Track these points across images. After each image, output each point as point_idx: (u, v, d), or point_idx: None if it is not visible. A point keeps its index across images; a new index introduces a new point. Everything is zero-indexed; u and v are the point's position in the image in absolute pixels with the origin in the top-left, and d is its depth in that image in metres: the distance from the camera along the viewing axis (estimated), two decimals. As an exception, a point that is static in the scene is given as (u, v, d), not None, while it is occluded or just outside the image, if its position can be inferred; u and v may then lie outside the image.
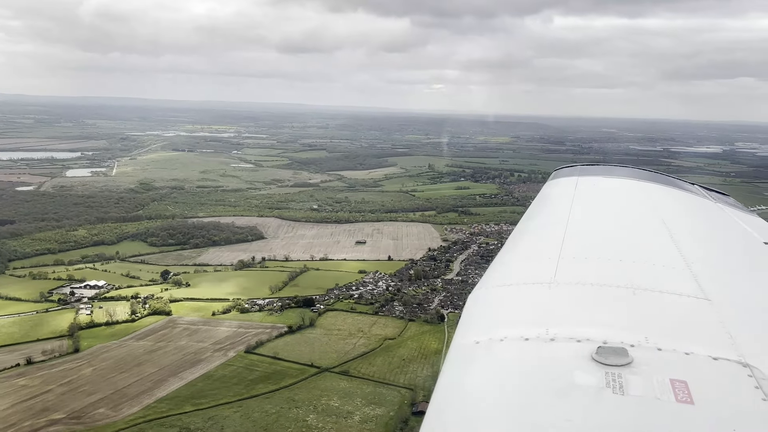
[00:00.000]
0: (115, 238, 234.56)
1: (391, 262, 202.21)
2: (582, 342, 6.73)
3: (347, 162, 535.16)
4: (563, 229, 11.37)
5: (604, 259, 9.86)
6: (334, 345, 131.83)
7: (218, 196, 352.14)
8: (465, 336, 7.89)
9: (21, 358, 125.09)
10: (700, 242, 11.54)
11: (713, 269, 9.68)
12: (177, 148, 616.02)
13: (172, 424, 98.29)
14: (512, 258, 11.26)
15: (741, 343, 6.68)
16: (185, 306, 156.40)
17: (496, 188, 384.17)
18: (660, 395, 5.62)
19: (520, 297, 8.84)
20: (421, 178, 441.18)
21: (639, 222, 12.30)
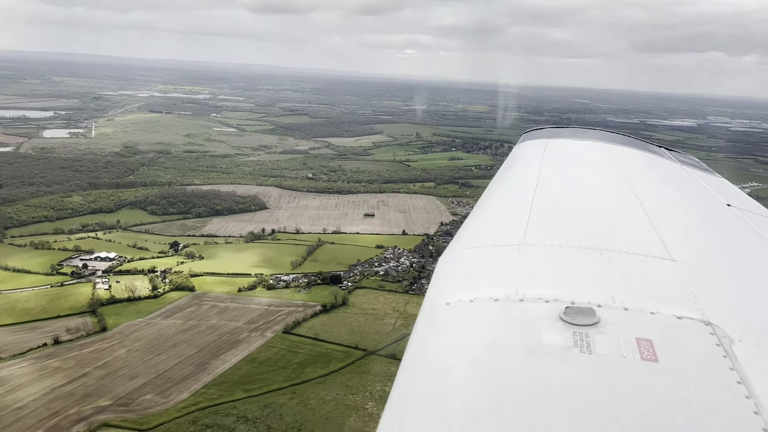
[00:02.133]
0: (113, 205, 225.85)
1: (406, 237, 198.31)
2: (550, 302, 6.86)
3: (332, 128, 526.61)
4: (532, 191, 11.39)
5: (573, 221, 9.93)
6: (372, 325, 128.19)
7: (208, 161, 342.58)
8: (435, 297, 8.02)
9: (46, 337, 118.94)
10: (666, 204, 11.70)
11: (678, 230, 9.89)
12: (154, 109, 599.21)
13: (228, 413, 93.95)
14: (481, 220, 11.45)
15: (703, 302, 6.87)
16: (207, 281, 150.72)
17: (489, 159, 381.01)
18: (626, 354, 5.81)
19: (490, 259, 8.96)
20: (411, 147, 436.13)
21: (607, 184, 12.36)
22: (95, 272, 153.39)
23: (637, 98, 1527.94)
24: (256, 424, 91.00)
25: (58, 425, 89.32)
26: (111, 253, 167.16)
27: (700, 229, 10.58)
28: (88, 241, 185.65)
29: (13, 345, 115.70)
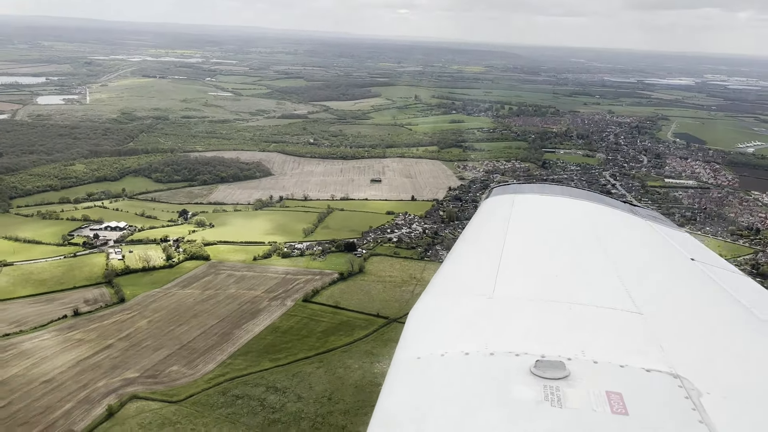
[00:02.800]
0: (116, 173, 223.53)
1: (415, 203, 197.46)
2: (521, 356, 6.96)
3: (329, 92, 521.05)
4: (501, 245, 11.55)
5: (541, 275, 10.13)
6: (391, 293, 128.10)
7: (207, 127, 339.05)
8: (406, 351, 8.08)
9: (65, 309, 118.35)
10: (632, 258, 11.79)
11: (645, 284, 10.01)
12: (147, 74, 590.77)
13: (257, 383, 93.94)
14: (453, 273, 11.57)
15: (671, 355, 7.03)
16: (221, 250, 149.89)
17: (491, 122, 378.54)
18: (596, 407, 5.88)
19: (461, 312, 9.10)
20: (411, 111, 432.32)
21: (574, 239, 12.51)
22: (107, 242, 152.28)
23: (632, 57, 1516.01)
24: (286, 394, 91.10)
25: (88, 398, 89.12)
26: (121, 222, 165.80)
27: (666, 283, 10.72)
28: (95, 210, 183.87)
29: (33, 317, 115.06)
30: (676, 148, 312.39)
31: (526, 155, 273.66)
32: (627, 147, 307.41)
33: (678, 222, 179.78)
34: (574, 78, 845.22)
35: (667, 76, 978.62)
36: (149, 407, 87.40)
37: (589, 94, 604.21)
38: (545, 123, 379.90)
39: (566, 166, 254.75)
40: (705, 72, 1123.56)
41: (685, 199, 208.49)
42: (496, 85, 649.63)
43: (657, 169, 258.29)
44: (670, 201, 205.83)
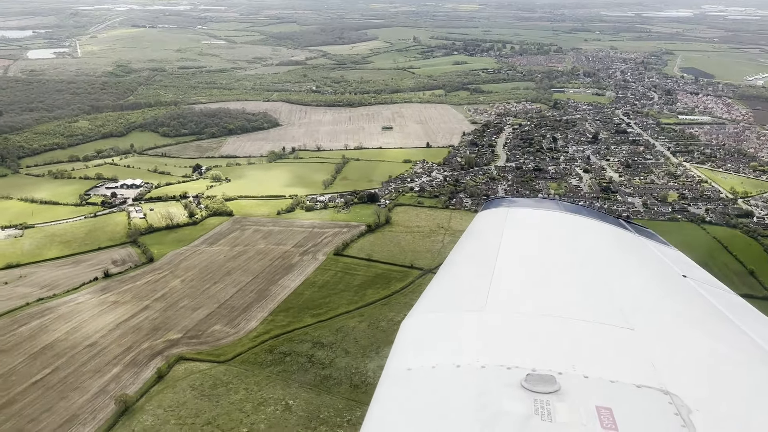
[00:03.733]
0: (122, 129, 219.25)
1: (430, 149, 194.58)
2: (512, 369, 7.06)
3: (325, 36, 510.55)
4: (494, 258, 11.57)
5: (533, 289, 10.14)
6: (421, 243, 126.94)
7: (206, 77, 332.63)
8: (398, 363, 8.17)
9: (94, 271, 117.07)
10: (625, 274, 11.74)
11: (636, 300, 10.00)
12: (136, 23, 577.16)
13: (302, 339, 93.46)
14: (445, 286, 11.55)
15: (662, 372, 7.10)
16: (242, 205, 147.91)
17: (494, 62, 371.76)
18: (586, 422, 5.93)
19: (452, 324, 9.12)
20: (411, 53, 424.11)
21: (567, 253, 12.46)
22: (125, 200, 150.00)
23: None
24: (333, 349, 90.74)
25: (135, 361, 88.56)
26: (137, 180, 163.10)
27: (658, 299, 10.67)
28: (106, 167, 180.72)
29: (64, 280, 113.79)
30: (684, 83, 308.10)
31: (535, 96, 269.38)
32: (635, 84, 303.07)
33: (698, 159, 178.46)
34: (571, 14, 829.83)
35: (664, 8, 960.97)
36: (198, 368, 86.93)
37: (589, 30, 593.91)
38: (550, 62, 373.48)
39: (578, 106, 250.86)
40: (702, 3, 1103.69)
41: (701, 136, 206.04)
42: (493, 23, 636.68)
43: (669, 105, 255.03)
44: (687, 138, 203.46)
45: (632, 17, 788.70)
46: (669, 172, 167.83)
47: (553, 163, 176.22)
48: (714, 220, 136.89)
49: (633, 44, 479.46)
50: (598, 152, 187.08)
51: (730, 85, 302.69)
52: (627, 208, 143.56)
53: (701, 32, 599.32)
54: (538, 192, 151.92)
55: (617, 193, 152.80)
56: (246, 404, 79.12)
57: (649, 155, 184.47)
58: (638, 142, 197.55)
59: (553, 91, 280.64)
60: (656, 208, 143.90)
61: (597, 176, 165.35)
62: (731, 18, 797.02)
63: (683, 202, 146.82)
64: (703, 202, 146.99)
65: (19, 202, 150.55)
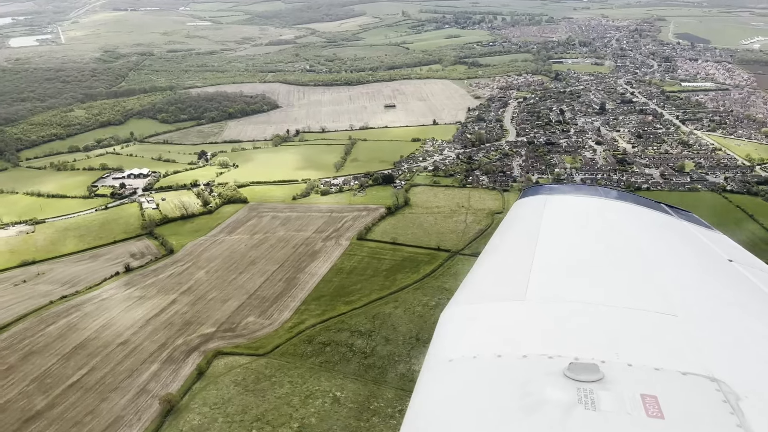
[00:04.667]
0: (120, 117, 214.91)
1: (437, 127, 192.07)
2: (554, 358, 6.92)
3: (311, 13, 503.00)
4: (533, 247, 11.30)
5: (574, 277, 9.93)
6: (444, 224, 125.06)
7: (196, 60, 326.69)
8: (438, 354, 8.11)
9: (114, 265, 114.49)
10: (667, 259, 11.38)
11: (680, 285, 9.79)
12: (117, 7, 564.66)
13: (339, 328, 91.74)
14: (484, 275, 11.37)
15: (708, 358, 6.88)
16: (256, 191, 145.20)
17: (487, 35, 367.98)
18: (631, 410, 5.84)
19: (493, 314, 8.99)
20: (401, 28, 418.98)
21: (607, 241, 12.05)
22: (135, 191, 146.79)
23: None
24: (372, 337, 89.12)
25: (172, 357, 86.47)
26: (143, 169, 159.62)
27: (703, 284, 10.34)
28: (108, 157, 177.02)
29: (84, 276, 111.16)
30: (682, 49, 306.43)
31: (535, 68, 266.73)
32: (633, 52, 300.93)
33: (708, 127, 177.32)
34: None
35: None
36: (237, 362, 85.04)
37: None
38: (543, 32, 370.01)
39: (579, 77, 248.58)
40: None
41: (708, 103, 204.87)
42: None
43: (670, 73, 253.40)
44: (693, 106, 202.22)
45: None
46: (681, 141, 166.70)
47: (564, 136, 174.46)
48: (735, 188, 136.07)
49: (623, 11, 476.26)
50: (607, 123, 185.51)
51: (727, 49, 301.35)
52: (645, 179, 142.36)
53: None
54: (553, 166, 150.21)
55: (633, 165, 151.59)
56: (293, 398, 77.44)
57: (659, 124, 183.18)
58: (646, 112, 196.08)
59: (552, 63, 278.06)
60: (674, 178, 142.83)
61: (610, 148, 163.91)
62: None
63: (701, 171, 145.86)
64: (721, 171, 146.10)
65: (26, 197, 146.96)
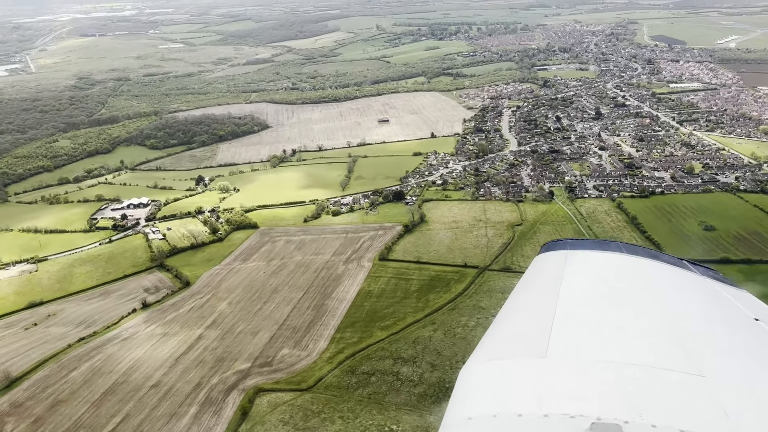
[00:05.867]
0: (107, 145, 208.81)
1: (436, 140, 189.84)
2: (576, 418, 6.85)
3: (284, 31, 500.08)
4: (555, 303, 11.26)
5: (597, 334, 9.80)
6: (465, 239, 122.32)
7: (175, 83, 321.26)
8: (458, 412, 8.12)
9: (129, 302, 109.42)
10: (692, 318, 11.23)
11: (706, 345, 9.60)
12: (85, 33, 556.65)
13: (381, 356, 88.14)
14: (505, 332, 11.47)
15: (735, 421, 6.74)
16: (263, 215, 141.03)
17: (466, 45, 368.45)
18: None
19: (514, 371, 8.91)
20: (378, 41, 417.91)
21: (630, 297, 11.97)
22: (138, 222, 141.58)
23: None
24: (417, 363, 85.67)
25: (210, 398, 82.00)
26: (142, 198, 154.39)
27: (729, 344, 10.15)
28: (101, 187, 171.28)
29: (98, 315, 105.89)
30: (661, 51, 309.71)
31: (520, 76, 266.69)
32: (614, 55, 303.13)
33: (706, 127, 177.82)
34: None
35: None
36: (281, 399, 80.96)
37: (545, 5, 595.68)
38: (521, 40, 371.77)
39: (567, 83, 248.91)
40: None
41: (700, 103, 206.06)
42: (449, 5, 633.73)
43: (655, 75, 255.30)
44: (687, 107, 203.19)
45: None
46: (684, 143, 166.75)
47: (566, 144, 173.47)
48: (748, 188, 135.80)
49: (594, 16, 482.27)
50: (606, 128, 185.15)
51: (705, 49, 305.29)
52: (657, 183, 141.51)
53: (653, 0, 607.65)
54: (563, 174, 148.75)
55: (642, 169, 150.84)
56: (348, 435, 73.71)
57: (657, 127, 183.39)
58: (641, 115, 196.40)
59: (537, 70, 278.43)
60: (686, 180, 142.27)
61: (615, 153, 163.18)
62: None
63: (710, 172, 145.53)
64: (730, 170, 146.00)
65: (22, 234, 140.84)
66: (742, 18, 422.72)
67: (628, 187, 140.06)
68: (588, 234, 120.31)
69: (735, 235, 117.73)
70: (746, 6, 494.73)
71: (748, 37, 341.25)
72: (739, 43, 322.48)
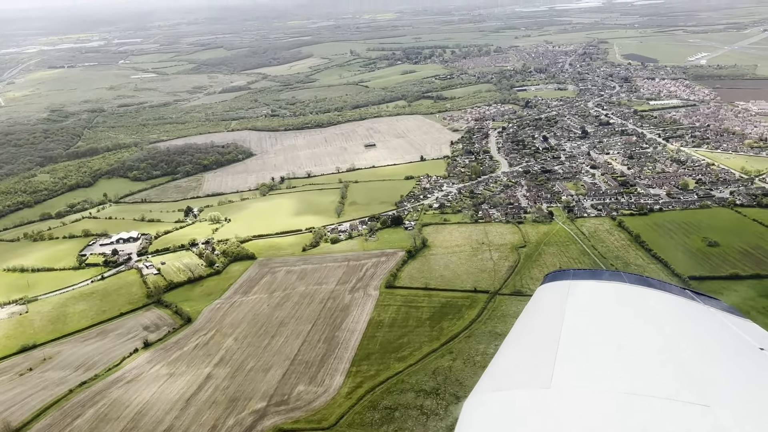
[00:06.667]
0: (89, 178, 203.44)
1: (426, 163, 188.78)
2: None
3: (258, 58, 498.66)
4: (558, 334, 11.31)
5: (600, 364, 9.81)
6: (471, 263, 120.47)
7: (152, 113, 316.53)
8: None
9: (129, 341, 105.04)
10: (696, 348, 11.19)
11: (710, 375, 9.50)
12: (53, 65, 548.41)
13: (401, 389, 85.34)
14: (509, 362, 11.49)
15: None
16: (260, 245, 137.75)
17: (442, 68, 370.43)
18: None
19: (518, 402, 8.88)
20: (354, 66, 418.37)
21: (633, 327, 11.97)
22: (129, 257, 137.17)
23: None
24: (440, 396, 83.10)
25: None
26: (132, 232, 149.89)
27: (734, 374, 10.03)
28: (86, 222, 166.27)
29: (98, 357, 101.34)
30: (635, 69, 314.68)
31: (501, 97, 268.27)
32: (590, 75, 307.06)
33: (693, 143, 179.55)
34: (488, 13, 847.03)
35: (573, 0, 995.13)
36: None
37: (513, 27, 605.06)
38: (496, 62, 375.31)
39: (548, 103, 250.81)
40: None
41: (682, 119, 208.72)
42: (417, 30, 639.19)
43: (633, 92, 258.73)
44: (669, 123, 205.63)
45: (547, 11, 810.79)
46: (674, 159, 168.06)
47: (557, 163, 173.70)
48: (744, 202, 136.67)
49: (563, 36, 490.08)
50: (594, 147, 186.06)
51: (678, 67, 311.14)
52: (654, 200, 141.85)
53: (618, 20, 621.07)
54: (559, 194, 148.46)
55: (636, 186, 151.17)
56: (379, 474, 70.68)
57: (645, 144, 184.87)
58: (627, 132, 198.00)
59: (516, 90, 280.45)
60: (682, 197, 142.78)
61: (607, 171, 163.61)
62: (638, 4, 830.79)
63: (705, 188, 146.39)
64: (723, 185, 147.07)
65: (7, 273, 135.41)
66: (708, 36, 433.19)
67: (625, 205, 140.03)
68: (593, 254, 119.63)
69: (739, 250, 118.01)
70: (710, 24, 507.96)
71: (716, 54, 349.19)
72: (709, 59, 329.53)
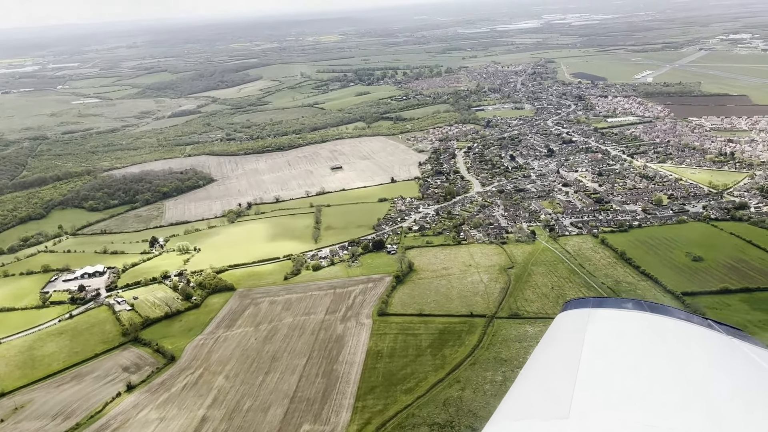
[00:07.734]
0: (40, 210, 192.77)
1: (398, 184, 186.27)
2: None
3: (205, 81, 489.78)
4: (577, 363, 11.23)
5: (620, 395, 9.70)
6: (462, 286, 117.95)
7: (100, 140, 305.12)
8: None
9: (110, 385, 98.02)
10: (717, 378, 11.06)
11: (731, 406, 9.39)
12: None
13: (413, 423, 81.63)
14: (527, 391, 11.52)
15: None
16: (237, 275, 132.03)
17: (396, 89, 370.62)
18: None
19: None
20: (305, 89, 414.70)
21: (653, 357, 11.79)
22: (98, 292, 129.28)
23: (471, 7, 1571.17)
24: (455, 428, 79.76)
25: (235, 491, 72.98)
26: (97, 266, 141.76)
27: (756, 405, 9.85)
28: (43, 257, 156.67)
29: (77, 403, 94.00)
30: (587, 87, 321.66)
31: (461, 117, 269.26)
32: (544, 93, 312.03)
33: (657, 159, 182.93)
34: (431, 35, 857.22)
35: (512, 21, 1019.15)
36: (318, 484, 72.95)
37: (459, 48, 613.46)
38: (448, 82, 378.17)
39: (508, 122, 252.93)
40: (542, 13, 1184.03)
41: (642, 135, 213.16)
42: (365, 51, 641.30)
43: (589, 110, 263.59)
44: (630, 139, 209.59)
45: (489, 32, 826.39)
46: (642, 175, 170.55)
47: (529, 182, 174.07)
48: (718, 216, 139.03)
49: (510, 57, 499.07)
50: (562, 165, 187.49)
51: (627, 84, 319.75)
52: (632, 216, 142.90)
53: (559, 39, 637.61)
54: (537, 213, 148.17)
55: (611, 203, 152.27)
56: None
57: (611, 161, 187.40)
58: (592, 150, 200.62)
59: (474, 111, 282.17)
60: (657, 212, 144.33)
61: (579, 189, 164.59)
62: (575, 24, 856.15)
63: (678, 203, 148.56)
64: (695, 200, 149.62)
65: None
66: (648, 54, 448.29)
67: (604, 222, 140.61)
68: (582, 272, 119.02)
69: (724, 264, 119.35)
70: (647, 43, 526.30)
71: (661, 71, 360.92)
72: (655, 77, 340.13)
